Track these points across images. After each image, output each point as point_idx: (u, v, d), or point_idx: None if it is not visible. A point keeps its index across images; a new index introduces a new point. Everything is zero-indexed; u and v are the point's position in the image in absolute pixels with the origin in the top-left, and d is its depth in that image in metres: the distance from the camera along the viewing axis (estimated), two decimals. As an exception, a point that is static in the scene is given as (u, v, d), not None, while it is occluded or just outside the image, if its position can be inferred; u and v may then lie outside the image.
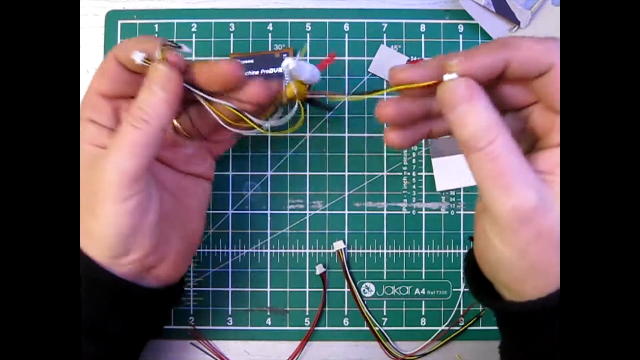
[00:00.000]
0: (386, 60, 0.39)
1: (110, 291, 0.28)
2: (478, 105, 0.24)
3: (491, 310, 0.28)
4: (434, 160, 0.39)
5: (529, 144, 0.27)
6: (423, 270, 0.39)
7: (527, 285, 0.25)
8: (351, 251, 0.39)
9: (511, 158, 0.23)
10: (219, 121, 0.29)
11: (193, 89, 0.28)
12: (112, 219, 0.26)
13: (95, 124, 0.28)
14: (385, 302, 0.39)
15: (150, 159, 0.27)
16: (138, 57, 0.27)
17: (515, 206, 0.23)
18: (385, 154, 0.39)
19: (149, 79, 0.27)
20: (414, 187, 0.39)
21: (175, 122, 0.31)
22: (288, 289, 0.39)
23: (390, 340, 0.38)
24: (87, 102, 0.29)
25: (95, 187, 0.26)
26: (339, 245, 0.38)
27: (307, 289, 0.39)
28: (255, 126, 0.29)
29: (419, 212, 0.39)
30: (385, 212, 0.39)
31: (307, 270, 0.39)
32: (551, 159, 0.25)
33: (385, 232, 0.39)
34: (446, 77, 0.25)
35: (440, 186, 0.39)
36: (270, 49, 0.39)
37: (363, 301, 0.38)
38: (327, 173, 0.39)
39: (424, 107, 0.27)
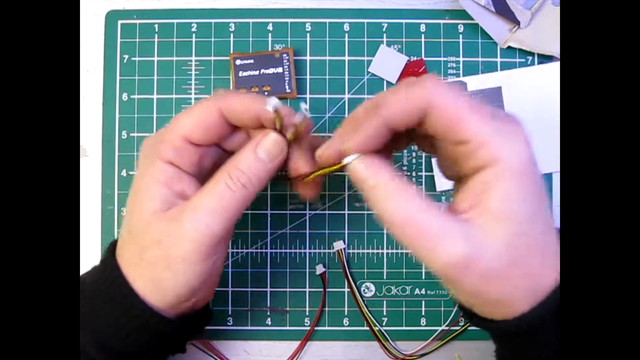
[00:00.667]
0: (386, 60, 0.39)
1: (159, 331, 0.28)
2: (380, 181, 0.25)
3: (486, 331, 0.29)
4: (434, 160, 0.39)
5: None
6: (423, 270, 0.39)
7: (496, 314, 0.25)
8: (351, 251, 0.39)
9: (422, 218, 0.24)
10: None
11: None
12: (189, 276, 0.26)
13: (175, 168, 0.27)
14: (385, 302, 0.39)
15: (235, 222, 0.26)
16: (271, 106, 0.26)
17: (446, 263, 0.23)
18: (385, 154, 0.39)
19: (260, 145, 0.26)
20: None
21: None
22: (288, 289, 0.39)
23: (390, 340, 0.38)
24: (170, 144, 0.27)
25: (175, 241, 0.26)
26: (339, 245, 0.38)
27: (307, 289, 0.39)
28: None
29: (419, 212, 0.39)
30: (385, 212, 0.39)
31: (307, 270, 0.39)
32: (467, 192, 0.24)
33: (385, 232, 0.39)
34: (346, 160, 0.26)
35: (440, 186, 0.39)
36: (270, 49, 0.39)
37: (363, 301, 0.38)
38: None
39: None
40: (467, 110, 0.24)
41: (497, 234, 0.23)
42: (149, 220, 0.26)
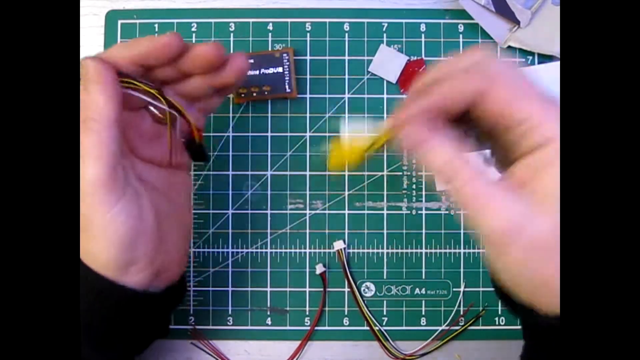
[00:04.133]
0: (386, 60, 0.39)
1: (120, 304, 0.28)
2: (435, 145, 0.25)
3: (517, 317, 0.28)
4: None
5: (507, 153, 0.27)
6: (423, 270, 0.39)
7: (541, 299, 0.24)
8: (351, 251, 0.39)
9: (477, 184, 0.24)
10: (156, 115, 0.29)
11: (135, 93, 0.27)
12: (106, 229, 0.26)
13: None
14: (385, 302, 0.39)
15: (116, 158, 0.26)
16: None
17: (497, 225, 0.23)
18: (385, 154, 0.39)
19: (82, 79, 0.26)
20: (414, 187, 0.39)
21: (152, 109, 0.30)
22: (288, 289, 0.39)
23: (390, 340, 0.38)
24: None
25: (82, 206, 0.26)
26: (339, 245, 0.38)
27: (307, 289, 0.39)
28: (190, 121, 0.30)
29: (419, 211, 0.39)
30: (385, 212, 0.39)
31: (307, 270, 0.39)
32: (523, 169, 0.24)
33: (385, 232, 0.39)
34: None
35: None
36: (270, 49, 0.39)
37: (363, 301, 0.38)
38: (327, 173, 0.39)
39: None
40: (524, 95, 0.24)
41: (550, 209, 0.23)
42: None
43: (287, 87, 0.38)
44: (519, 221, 0.23)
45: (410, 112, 0.26)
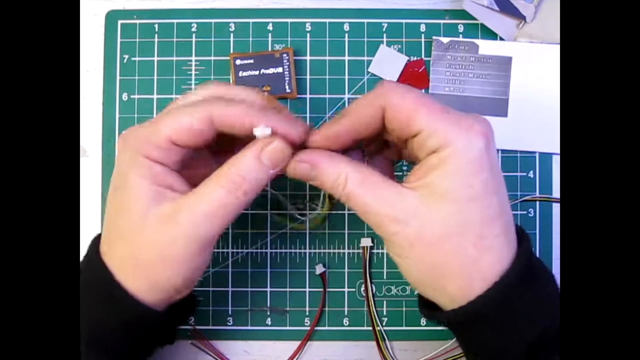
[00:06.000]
0: (386, 60, 0.39)
1: (152, 325, 0.28)
2: (319, 170, 0.27)
3: (436, 323, 0.29)
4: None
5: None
6: (423, 270, 0.39)
7: (430, 292, 0.27)
8: (351, 251, 0.39)
9: (360, 191, 0.27)
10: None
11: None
12: (185, 274, 0.27)
13: (162, 166, 0.27)
14: (385, 302, 0.39)
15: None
16: (260, 132, 0.26)
17: (400, 245, 0.26)
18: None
19: (265, 152, 0.26)
20: (414, 187, 0.39)
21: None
22: (288, 289, 0.39)
23: (387, 341, 0.38)
24: (154, 143, 0.26)
25: (172, 242, 0.26)
26: (366, 242, 0.38)
27: (307, 289, 0.39)
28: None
29: (419, 212, 0.39)
30: (385, 212, 0.39)
31: (307, 270, 0.39)
32: (415, 170, 0.27)
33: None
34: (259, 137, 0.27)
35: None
36: (270, 49, 0.39)
37: (374, 301, 0.38)
38: (327, 173, 0.39)
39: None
40: (417, 104, 0.26)
41: (433, 207, 0.25)
42: (141, 220, 0.26)
43: (287, 87, 0.38)
44: (401, 219, 0.26)
45: (320, 137, 0.28)
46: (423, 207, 0.26)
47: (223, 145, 0.30)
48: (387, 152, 0.32)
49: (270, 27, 0.39)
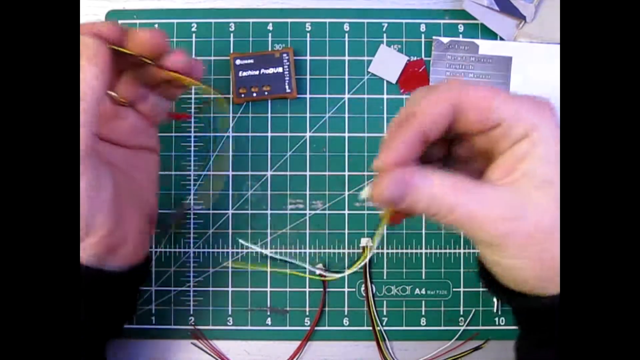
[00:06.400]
0: (386, 60, 0.39)
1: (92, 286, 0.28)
2: (413, 188, 0.25)
3: (509, 306, 0.28)
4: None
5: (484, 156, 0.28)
6: (423, 270, 0.39)
7: (545, 284, 0.25)
8: (351, 251, 0.39)
9: (462, 200, 0.24)
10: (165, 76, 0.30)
11: (125, 50, 0.28)
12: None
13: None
14: (385, 302, 0.39)
15: (92, 136, 0.26)
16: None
17: (494, 233, 0.24)
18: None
19: (82, 55, 0.26)
20: (414, 187, 0.39)
21: (111, 92, 0.30)
22: (288, 289, 0.39)
23: (387, 341, 0.38)
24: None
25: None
26: (366, 242, 0.38)
27: (307, 289, 0.39)
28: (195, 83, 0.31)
29: (419, 212, 0.39)
30: (385, 212, 0.39)
31: (307, 270, 0.39)
32: (503, 163, 0.25)
33: (385, 232, 0.39)
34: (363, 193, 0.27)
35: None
36: (270, 49, 0.39)
37: (374, 301, 0.38)
38: (327, 173, 0.39)
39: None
40: (494, 93, 0.25)
41: (537, 194, 0.24)
42: None
43: (287, 87, 0.38)
44: (515, 215, 0.24)
45: (395, 146, 0.25)
46: (533, 197, 0.24)
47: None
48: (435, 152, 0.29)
49: (270, 27, 0.39)
